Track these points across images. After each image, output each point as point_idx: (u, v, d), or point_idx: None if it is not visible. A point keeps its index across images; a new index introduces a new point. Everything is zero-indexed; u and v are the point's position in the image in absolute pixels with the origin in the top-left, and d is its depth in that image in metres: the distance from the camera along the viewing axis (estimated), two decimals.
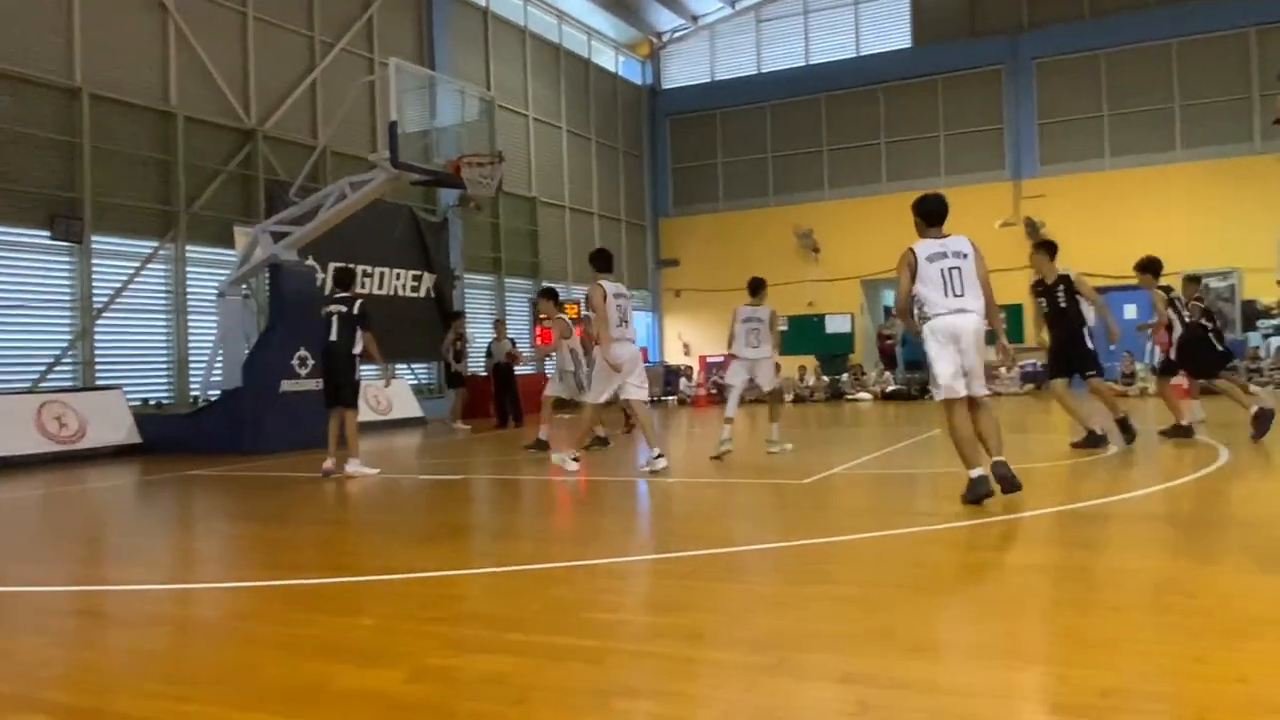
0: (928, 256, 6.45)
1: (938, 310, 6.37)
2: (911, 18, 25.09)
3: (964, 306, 6.33)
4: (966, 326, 6.31)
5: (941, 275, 6.38)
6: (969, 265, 6.44)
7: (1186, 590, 4.09)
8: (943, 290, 6.36)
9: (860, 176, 25.37)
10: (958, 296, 6.34)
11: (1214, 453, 8.76)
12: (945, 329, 6.34)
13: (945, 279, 6.37)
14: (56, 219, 12.93)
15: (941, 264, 6.40)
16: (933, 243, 6.52)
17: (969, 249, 6.50)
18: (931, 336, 6.39)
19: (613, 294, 8.86)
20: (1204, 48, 22.21)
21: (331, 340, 9.40)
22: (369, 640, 3.76)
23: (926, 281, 6.41)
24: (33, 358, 12.92)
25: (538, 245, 22.81)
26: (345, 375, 9.43)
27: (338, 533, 6.77)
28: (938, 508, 6.69)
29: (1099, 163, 23.11)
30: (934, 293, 6.37)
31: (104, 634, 4.24)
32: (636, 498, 8.00)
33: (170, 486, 9.59)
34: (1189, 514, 6.25)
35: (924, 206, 6.68)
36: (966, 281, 6.39)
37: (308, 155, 15.96)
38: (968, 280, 6.39)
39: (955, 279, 6.37)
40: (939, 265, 6.40)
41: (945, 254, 6.43)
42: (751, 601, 4.21)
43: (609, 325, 8.72)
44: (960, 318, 6.32)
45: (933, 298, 6.38)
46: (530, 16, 23.26)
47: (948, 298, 6.34)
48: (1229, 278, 21.56)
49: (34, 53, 12.95)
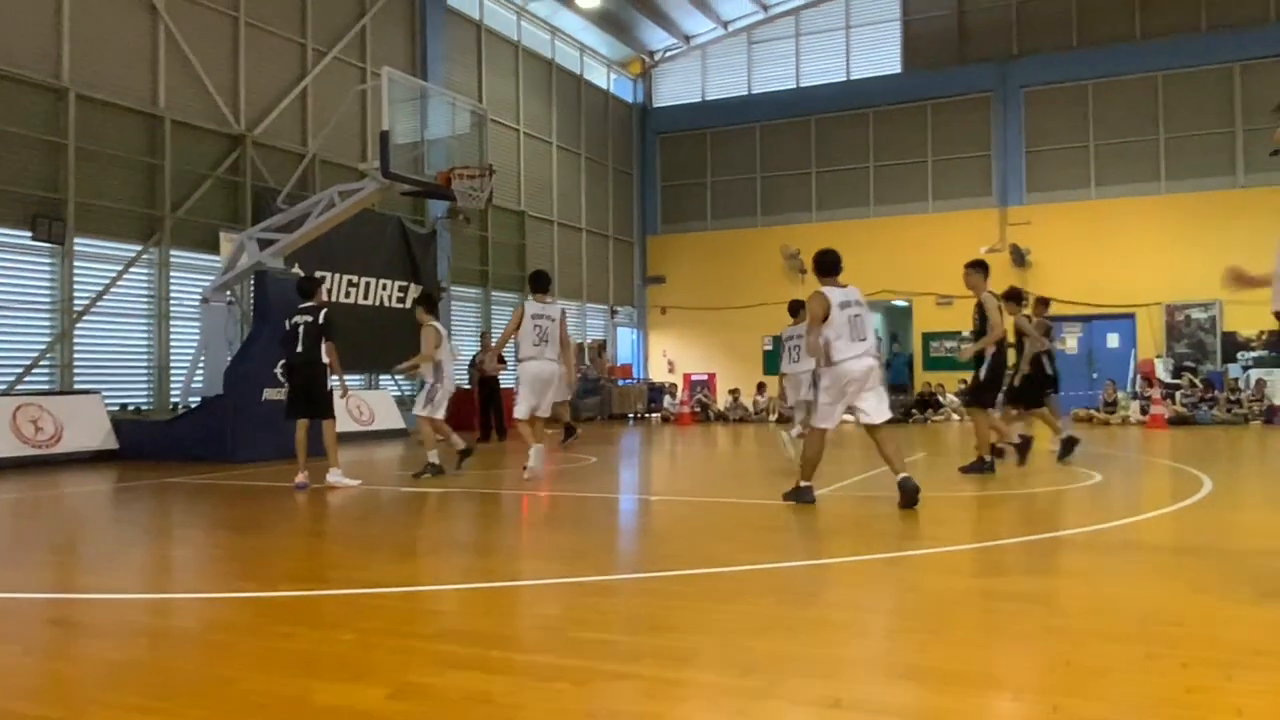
0: (839, 304, 7.11)
1: (844, 355, 7.03)
2: (902, 43, 25.29)
3: (866, 351, 7.09)
4: (864, 370, 7.07)
5: (849, 322, 7.06)
6: (866, 313, 7.23)
7: (1177, 619, 4.07)
8: (849, 336, 7.04)
9: (848, 199, 25.49)
10: (861, 341, 7.07)
11: (1198, 482, 8.78)
12: (846, 375, 7.05)
13: (851, 326, 7.06)
14: (38, 219, 12.80)
15: (849, 311, 7.10)
16: (839, 291, 7.18)
17: (862, 298, 7.29)
18: (830, 379, 7.11)
19: (531, 314, 9.45)
20: (1189, 81, 22.49)
21: (298, 351, 9.27)
22: (350, 655, 3.68)
23: (836, 327, 7.05)
24: (10, 360, 12.75)
25: (525, 259, 22.77)
26: (318, 386, 9.31)
27: (318, 544, 6.68)
28: (927, 532, 6.67)
29: (1085, 192, 23.32)
30: (841, 339, 7.02)
31: (77, 644, 4.14)
32: (621, 515, 7.94)
33: (147, 493, 9.45)
34: (1177, 543, 6.25)
35: (826, 259, 7.36)
36: (867, 328, 7.15)
37: (297, 162, 15.91)
38: (868, 327, 7.18)
39: (859, 325, 7.10)
40: (847, 313, 7.09)
41: (850, 302, 7.14)
42: (739, 623, 4.16)
43: (522, 344, 9.36)
44: (860, 362, 7.05)
45: (839, 344, 7.03)
46: (524, 31, 23.32)
47: (854, 343, 7.04)
48: (1210, 309, 21.77)
49: (20, 50, 12.85)
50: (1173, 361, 21.56)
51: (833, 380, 7.11)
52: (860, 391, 7.11)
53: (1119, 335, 22.92)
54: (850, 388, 7.07)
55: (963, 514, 7.61)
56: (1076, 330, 23.29)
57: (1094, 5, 23.41)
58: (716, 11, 26.34)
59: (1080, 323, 23.22)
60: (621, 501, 8.50)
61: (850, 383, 7.07)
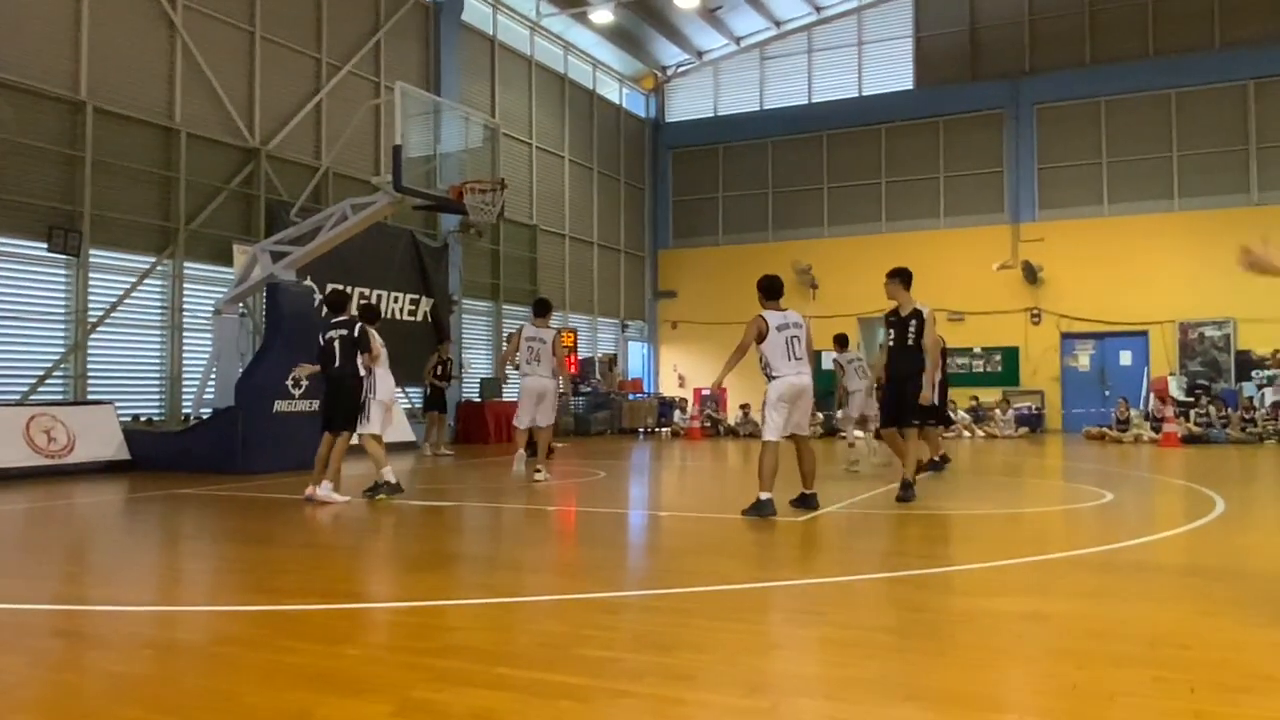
0: (777, 326, 7.75)
1: (782, 373, 7.69)
2: (914, 59, 25.33)
3: (801, 370, 7.75)
4: (803, 386, 7.77)
5: (786, 343, 7.73)
6: (804, 334, 7.86)
7: (1186, 642, 4.03)
8: (786, 356, 7.70)
9: (859, 215, 25.49)
10: (797, 360, 7.75)
11: (1211, 502, 8.72)
12: (787, 389, 7.68)
13: (788, 346, 7.73)
14: (54, 231, 12.91)
15: (786, 333, 7.73)
16: (777, 314, 7.82)
17: (803, 321, 7.91)
18: (775, 393, 7.70)
19: (527, 336, 10.73)
20: (1203, 99, 22.44)
21: (335, 365, 9.25)
22: (354, 670, 3.68)
23: (773, 347, 7.71)
24: (24, 370, 12.84)
25: (536, 273, 22.84)
26: (348, 400, 9.25)
27: (325, 557, 6.69)
28: (933, 551, 6.64)
29: (1097, 209, 23.26)
30: (779, 358, 7.69)
31: (84, 655, 4.16)
32: (628, 531, 7.94)
33: (158, 504, 9.49)
34: (1186, 564, 6.20)
35: (769, 284, 8.00)
36: (803, 348, 7.81)
37: (310, 176, 16.02)
38: (805, 347, 7.83)
39: (795, 346, 7.76)
40: (785, 334, 7.73)
41: (788, 325, 7.78)
42: (744, 642, 4.15)
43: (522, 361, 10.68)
44: (799, 378, 7.74)
45: (776, 362, 7.71)
46: (537, 46, 23.45)
47: (790, 362, 7.71)
48: (1224, 327, 21.65)
49: (40, 64, 12.98)
50: (1186, 379, 21.44)
51: (778, 395, 7.71)
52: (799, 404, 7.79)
53: (1132, 353, 22.81)
54: (797, 400, 7.74)
55: (970, 533, 7.57)
56: (1089, 347, 23.21)
57: (1107, 22, 23.42)
58: (729, 27, 26.43)
59: (1093, 340, 23.13)
60: (629, 517, 8.49)
61: (796, 395, 7.73)
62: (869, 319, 25.29)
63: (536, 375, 10.71)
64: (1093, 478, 11.54)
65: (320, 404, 9.82)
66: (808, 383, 7.83)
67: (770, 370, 7.77)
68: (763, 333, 7.71)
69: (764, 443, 7.86)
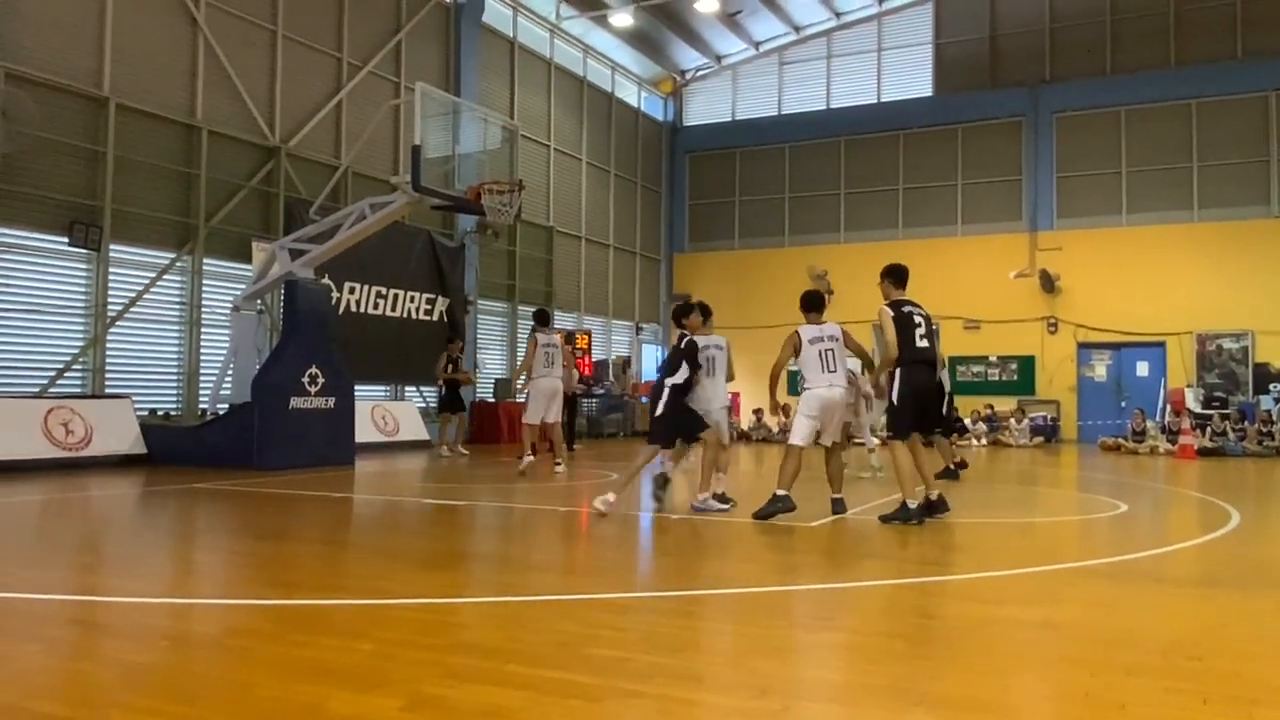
0: (810, 339, 8.03)
1: (815, 385, 7.98)
2: (934, 66, 25.26)
3: (834, 382, 8.02)
4: (834, 399, 8.03)
5: (820, 355, 8.01)
6: (839, 347, 8.10)
7: (1199, 653, 4.01)
8: (820, 368, 7.97)
9: (877, 221, 25.43)
10: (831, 372, 8.00)
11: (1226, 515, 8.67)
12: (818, 401, 7.96)
13: (822, 359, 8.01)
14: (76, 225, 13.02)
15: (820, 346, 8.00)
16: (813, 328, 8.11)
17: (839, 332, 8.15)
18: (806, 404, 8.00)
19: (543, 343, 11.89)
20: (1223, 109, 22.29)
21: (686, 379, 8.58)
22: (366, 665, 3.71)
23: (808, 361, 8.00)
24: (44, 362, 12.96)
25: (552, 274, 22.89)
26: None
27: (339, 553, 6.73)
28: (947, 558, 6.63)
29: (1116, 219, 23.14)
30: (813, 370, 7.97)
31: (99, 645, 4.20)
32: (639, 532, 7.95)
33: (173, 498, 9.56)
34: (1200, 576, 6.16)
35: (807, 298, 8.27)
36: (838, 360, 8.06)
37: (329, 174, 16.10)
38: (839, 359, 8.07)
39: (829, 358, 8.01)
40: (818, 347, 8.00)
41: (823, 337, 8.04)
42: (755, 645, 4.15)
43: (536, 365, 11.82)
44: (830, 391, 8.00)
45: (810, 374, 7.99)
46: (557, 49, 23.51)
47: (824, 374, 7.99)
48: (1242, 339, 21.50)
49: (65, 61, 13.10)
50: (1203, 392, 21.30)
51: (809, 406, 8.00)
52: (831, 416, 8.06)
53: (1149, 364, 22.68)
54: (825, 412, 8.01)
55: (983, 541, 7.55)
56: (1106, 358, 23.08)
57: (1127, 31, 23.30)
58: (749, 32, 26.43)
59: (1110, 350, 23.00)
60: (640, 519, 8.50)
61: (825, 408, 8.00)
62: None
63: (551, 377, 11.86)
64: (1107, 488, 11.48)
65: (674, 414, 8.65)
66: (839, 396, 8.08)
67: (804, 382, 8.10)
68: (797, 348, 8.04)
69: (788, 445, 8.07)
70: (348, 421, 13.51)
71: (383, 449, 16.11)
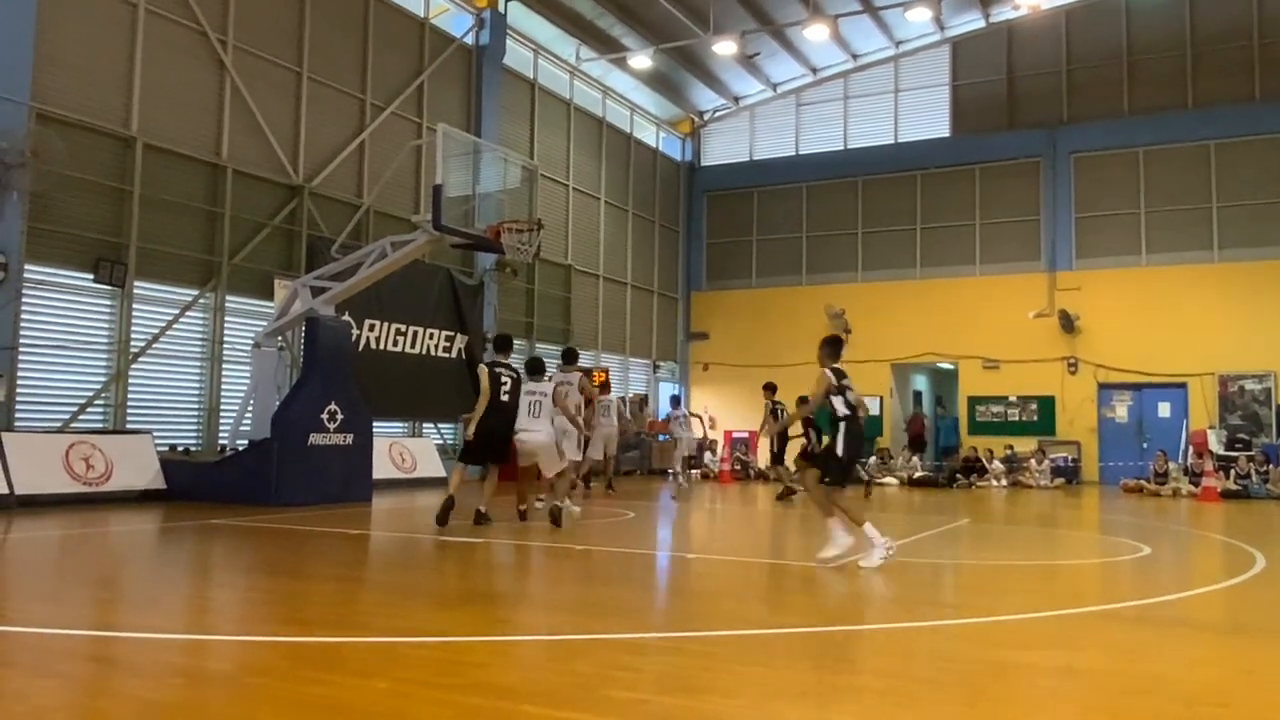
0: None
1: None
2: (951, 107, 25.38)
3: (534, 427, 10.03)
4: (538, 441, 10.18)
5: (530, 406, 10.14)
6: (549, 401, 10.26)
7: (1224, 700, 3.95)
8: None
9: (894, 261, 25.43)
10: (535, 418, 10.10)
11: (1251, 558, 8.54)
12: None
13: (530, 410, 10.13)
14: (101, 263, 13.20)
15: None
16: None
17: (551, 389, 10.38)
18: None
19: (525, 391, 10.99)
20: (1242, 150, 22.26)
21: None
22: (381, 704, 3.69)
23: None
24: (66, 398, 13.08)
25: (570, 312, 22.98)
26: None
27: (356, 591, 6.72)
28: (967, 601, 6.55)
29: (1135, 259, 23.05)
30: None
31: (115, 681, 4.20)
32: (656, 572, 7.90)
33: (192, 534, 9.59)
34: (1224, 621, 6.07)
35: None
36: (544, 409, 10.16)
37: (352, 213, 16.28)
38: (546, 409, 10.20)
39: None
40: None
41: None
42: (772, 687, 4.11)
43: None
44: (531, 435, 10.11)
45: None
46: (576, 90, 23.78)
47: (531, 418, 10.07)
48: (1265, 381, 21.30)
49: (94, 101, 13.36)
50: (1226, 433, 21.06)
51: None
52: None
53: (1170, 405, 22.47)
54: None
55: (1004, 584, 7.47)
56: (1127, 398, 22.90)
57: (1145, 73, 23.37)
58: (766, 74, 26.67)
59: (1131, 390, 22.83)
60: (657, 558, 8.46)
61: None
62: (902, 364, 25.22)
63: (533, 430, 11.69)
64: (1129, 531, 11.35)
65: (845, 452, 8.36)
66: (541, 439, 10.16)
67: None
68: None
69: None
70: (366, 458, 13.54)
71: (400, 485, 16.12)
